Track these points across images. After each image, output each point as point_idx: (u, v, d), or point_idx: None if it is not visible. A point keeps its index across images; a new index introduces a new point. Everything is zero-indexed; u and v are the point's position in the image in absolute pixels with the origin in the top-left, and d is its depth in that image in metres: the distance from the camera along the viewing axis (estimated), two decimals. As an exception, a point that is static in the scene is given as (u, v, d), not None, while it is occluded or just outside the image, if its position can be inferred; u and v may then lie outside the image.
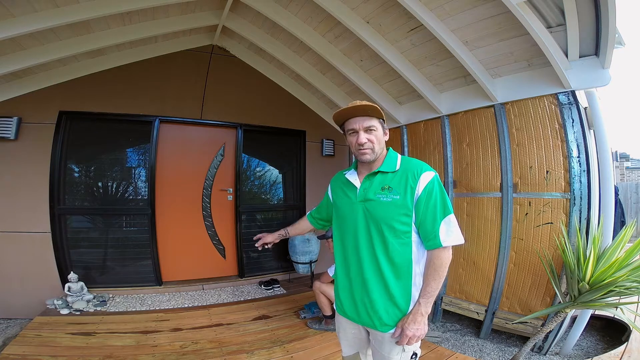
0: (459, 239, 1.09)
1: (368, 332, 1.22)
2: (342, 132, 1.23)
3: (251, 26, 3.19)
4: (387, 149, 1.23)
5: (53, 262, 3.04)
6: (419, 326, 1.07)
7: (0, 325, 2.73)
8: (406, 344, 1.08)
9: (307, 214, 1.56)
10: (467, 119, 2.83)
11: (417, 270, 1.12)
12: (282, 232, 1.56)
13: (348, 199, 1.22)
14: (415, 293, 1.12)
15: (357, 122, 1.15)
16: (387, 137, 1.22)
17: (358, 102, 1.14)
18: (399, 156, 1.21)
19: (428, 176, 1.10)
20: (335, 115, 1.19)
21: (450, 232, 1.08)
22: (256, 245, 1.53)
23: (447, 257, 1.08)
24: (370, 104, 1.13)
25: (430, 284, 1.08)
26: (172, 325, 2.68)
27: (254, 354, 2.25)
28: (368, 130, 1.15)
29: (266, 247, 1.53)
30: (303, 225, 1.56)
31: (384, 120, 1.20)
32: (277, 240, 1.55)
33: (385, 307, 1.11)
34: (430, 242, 1.09)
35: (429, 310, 1.09)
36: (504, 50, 2.34)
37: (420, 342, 1.15)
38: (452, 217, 1.10)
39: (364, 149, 1.14)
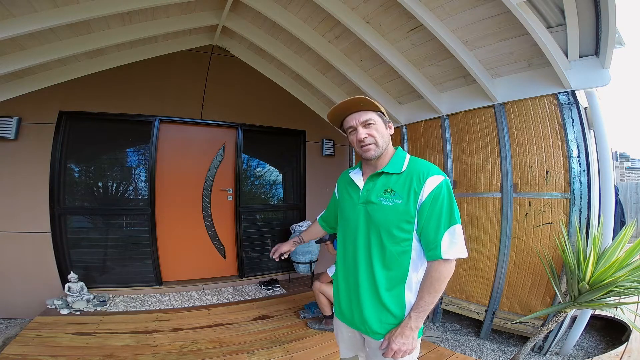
0: (462, 252, 1.00)
1: (364, 337, 1.19)
2: (344, 134, 1.17)
3: (251, 26, 3.19)
4: (396, 148, 1.16)
5: (53, 262, 3.04)
6: (406, 340, 0.99)
7: (0, 325, 2.73)
8: (391, 357, 1.00)
9: (318, 218, 1.51)
10: (467, 119, 2.83)
11: (415, 279, 1.06)
12: (296, 239, 1.50)
13: (351, 199, 1.16)
14: (411, 300, 1.05)
15: (353, 118, 1.09)
16: (391, 131, 1.14)
17: (348, 98, 1.08)
18: (408, 156, 1.13)
19: (435, 180, 1.01)
20: (329, 115, 1.12)
21: (453, 244, 0.99)
22: (273, 257, 1.46)
23: (447, 270, 1.00)
24: (362, 97, 1.07)
25: (424, 297, 1.00)
26: (172, 325, 2.68)
27: (254, 354, 2.25)
28: (366, 124, 1.08)
29: (283, 257, 1.48)
30: (315, 229, 1.51)
31: (383, 112, 1.12)
32: (293, 248, 1.50)
33: (378, 315, 1.06)
34: (431, 252, 1.01)
35: (420, 324, 1.02)
36: (504, 50, 2.34)
37: (418, 350, 1.11)
38: (457, 228, 1.01)
39: (366, 145, 1.08)
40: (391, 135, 1.15)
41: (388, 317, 1.06)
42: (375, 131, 1.08)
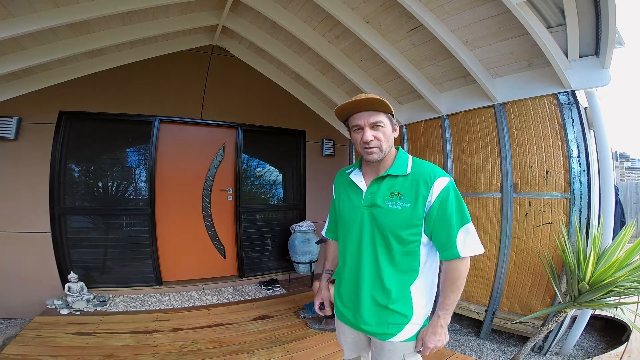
0: (478, 249, 1.04)
1: (369, 337, 1.19)
2: (346, 129, 1.14)
3: (251, 26, 3.19)
4: (397, 149, 1.14)
5: (53, 262, 3.04)
6: (440, 337, 1.05)
7: (0, 325, 2.73)
8: (428, 354, 1.08)
9: (324, 232, 1.40)
10: (467, 119, 2.83)
11: (422, 277, 1.07)
12: (327, 276, 1.38)
13: (351, 202, 1.14)
14: (418, 298, 1.07)
15: (362, 117, 1.04)
16: (396, 134, 1.11)
17: (363, 96, 1.02)
18: (410, 158, 1.11)
19: (442, 182, 1.01)
20: (337, 110, 1.07)
21: (468, 242, 1.02)
22: (323, 313, 1.37)
23: (465, 268, 1.03)
24: (377, 97, 1.01)
25: (449, 296, 1.04)
26: (172, 325, 2.68)
27: (254, 354, 2.25)
28: (374, 126, 1.04)
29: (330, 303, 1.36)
30: (335, 249, 1.35)
31: (392, 114, 1.09)
32: (331, 284, 1.36)
33: (385, 317, 1.07)
34: (447, 252, 1.03)
35: (448, 321, 1.06)
36: (504, 50, 2.34)
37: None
38: (470, 226, 1.03)
39: (370, 148, 1.04)
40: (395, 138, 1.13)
41: (396, 318, 1.06)
42: (382, 134, 1.05)
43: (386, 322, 1.07)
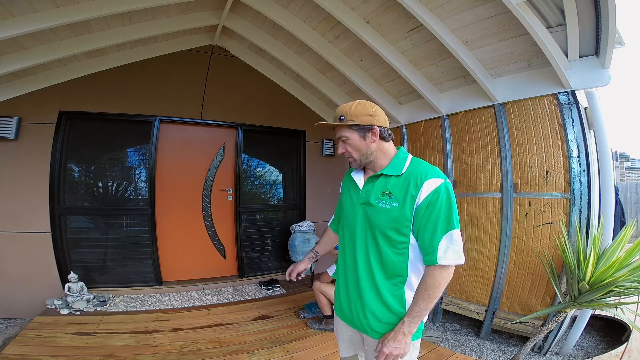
0: (458, 259, 0.97)
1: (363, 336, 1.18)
2: None
3: (251, 26, 3.19)
4: (398, 149, 1.14)
5: (53, 262, 3.04)
6: (398, 345, 0.98)
7: (0, 325, 2.73)
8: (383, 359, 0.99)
9: (329, 224, 1.46)
10: (467, 119, 2.83)
11: (415, 280, 1.06)
12: (311, 255, 1.44)
13: (351, 199, 1.17)
14: (410, 298, 1.05)
15: (335, 131, 1.12)
16: (375, 137, 1.08)
17: (338, 109, 1.10)
18: (409, 158, 1.10)
19: (433, 184, 0.98)
20: (316, 126, 1.16)
21: (449, 250, 0.96)
22: (291, 278, 1.42)
23: (442, 276, 0.97)
24: (341, 109, 1.08)
25: (418, 302, 0.98)
26: (172, 325, 2.68)
27: (254, 354, 2.25)
28: (341, 140, 1.11)
29: (300, 277, 1.42)
30: (329, 238, 1.45)
31: (360, 124, 1.05)
32: (309, 266, 1.44)
33: (377, 315, 1.06)
34: (427, 257, 0.99)
35: (413, 330, 1.00)
36: (504, 50, 2.34)
37: (417, 351, 1.11)
38: (455, 233, 0.97)
39: (348, 158, 1.13)
40: (384, 139, 1.10)
41: (389, 317, 1.06)
42: (349, 146, 1.10)
43: (378, 320, 1.07)
